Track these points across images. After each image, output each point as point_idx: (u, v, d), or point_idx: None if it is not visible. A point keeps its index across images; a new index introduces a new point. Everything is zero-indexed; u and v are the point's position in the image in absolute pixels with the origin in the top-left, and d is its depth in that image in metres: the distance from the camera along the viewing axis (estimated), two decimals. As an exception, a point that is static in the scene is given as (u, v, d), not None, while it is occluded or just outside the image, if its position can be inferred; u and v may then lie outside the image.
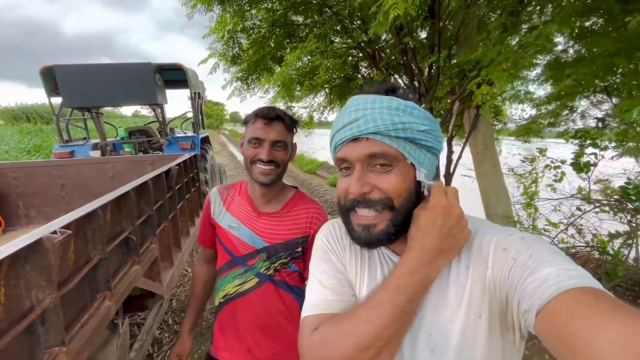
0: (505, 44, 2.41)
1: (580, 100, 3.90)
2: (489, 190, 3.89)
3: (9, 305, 0.73)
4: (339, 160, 0.57)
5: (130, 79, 3.82)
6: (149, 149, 4.64)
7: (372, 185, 0.54)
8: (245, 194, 1.12)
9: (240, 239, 1.06)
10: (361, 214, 0.55)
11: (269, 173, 1.00)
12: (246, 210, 1.09)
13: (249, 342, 1.06)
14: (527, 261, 0.46)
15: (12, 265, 0.75)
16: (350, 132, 0.54)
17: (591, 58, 2.80)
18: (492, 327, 0.50)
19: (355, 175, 0.54)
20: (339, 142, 0.56)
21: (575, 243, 3.84)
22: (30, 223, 2.98)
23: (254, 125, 1.00)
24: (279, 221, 1.06)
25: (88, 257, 1.07)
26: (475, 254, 0.53)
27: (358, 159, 0.54)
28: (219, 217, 1.12)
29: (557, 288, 0.40)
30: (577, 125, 3.95)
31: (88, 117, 4.56)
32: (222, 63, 4.39)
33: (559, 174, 3.69)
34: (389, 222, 0.54)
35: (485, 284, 0.50)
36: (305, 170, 11.75)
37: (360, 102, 0.55)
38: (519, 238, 0.50)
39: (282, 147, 1.01)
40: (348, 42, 4.07)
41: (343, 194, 0.58)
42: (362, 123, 0.53)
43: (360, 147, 0.54)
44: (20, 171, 2.87)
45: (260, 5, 4.03)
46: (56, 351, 0.84)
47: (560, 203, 3.94)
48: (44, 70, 3.90)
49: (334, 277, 0.62)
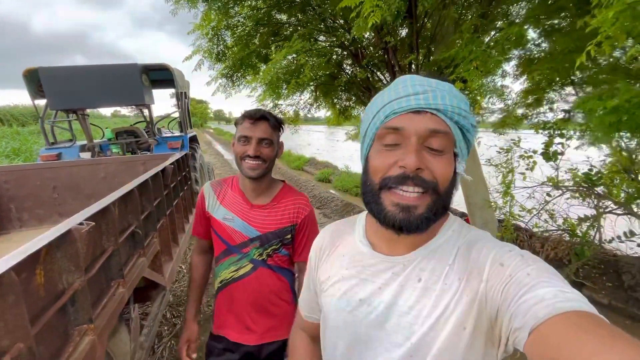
0: (476, 43, 2.60)
1: (549, 94, 4.18)
2: (468, 180, 4.12)
3: (47, 286, 0.85)
4: (390, 129, 0.51)
5: (116, 80, 3.84)
6: (137, 150, 4.66)
7: (425, 165, 0.50)
8: (237, 188, 1.22)
9: (234, 229, 1.17)
10: (402, 192, 0.50)
11: (257, 168, 1.10)
12: (239, 203, 1.19)
13: (247, 319, 1.19)
14: (525, 279, 0.44)
15: (49, 253, 0.86)
16: (415, 102, 0.50)
17: (553, 55, 3.04)
18: (476, 340, 0.49)
19: (412, 147, 0.49)
20: (397, 110, 0.51)
21: (548, 227, 4.13)
22: (23, 226, 3.00)
23: (242, 125, 1.11)
24: (269, 212, 1.18)
25: (103, 248, 1.18)
26: (471, 266, 0.51)
27: (418, 132, 0.50)
28: (213, 210, 1.21)
29: (554, 309, 0.38)
30: (547, 118, 4.22)
31: (74, 119, 4.53)
32: (207, 60, 4.44)
33: (531, 163, 3.96)
34: (430, 206, 0.50)
35: (476, 296, 0.49)
36: (292, 166, 11.84)
37: (423, 80, 0.53)
38: (518, 255, 0.49)
39: (268, 144, 1.12)
40: (331, 41, 4.20)
41: (383, 168, 0.52)
42: (431, 97, 0.50)
43: (423, 120, 0.50)
44: (11, 174, 2.89)
45: (244, 3, 4.10)
46: (85, 328, 0.96)
47: (534, 190, 4.22)
48: (27, 73, 3.87)
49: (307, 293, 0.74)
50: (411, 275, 0.54)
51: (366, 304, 0.57)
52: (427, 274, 0.53)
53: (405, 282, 0.54)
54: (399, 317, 0.54)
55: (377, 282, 0.57)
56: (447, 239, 0.56)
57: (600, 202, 3.63)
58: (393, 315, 0.54)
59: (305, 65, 3.75)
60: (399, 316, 0.54)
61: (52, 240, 0.85)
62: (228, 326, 1.22)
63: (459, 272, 0.52)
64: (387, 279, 0.56)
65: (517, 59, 3.95)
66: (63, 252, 0.91)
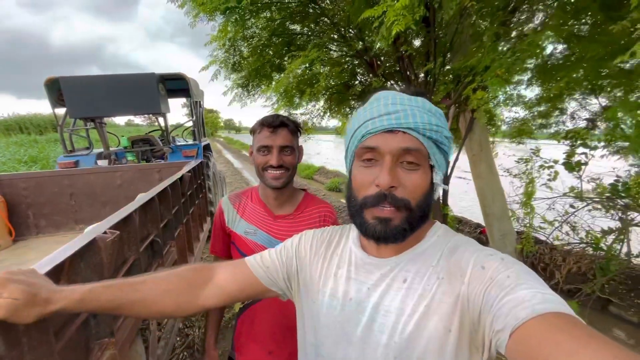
0: (498, 52, 2.55)
1: (569, 102, 4.08)
2: (485, 190, 4.02)
3: (71, 298, 0.81)
4: (367, 148, 0.55)
5: (134, 89, 3.90)
6: (152, 158, 4.70)
7: (398, 181, 0.53)
8: (258, 199, 1.17)
9: (258, 243, 1.11)
10: (380, 208, 0.54)
11: (280, 177, 1.06)
12: (261, 215, 1.14)
13: (270, 344, 1.11)
14: (505, 281, 0.46)
15: (72, 263, 0.83)
16: (388, 122, 0.53)
17: (581, 61, 2.96)
18: (461, 343, 0.50)
19: (386, 167, 0.53)
20: (371, 131, 0.55)
21: (570, 240, 3.98)
22: (40, 232, 3.02)
23: (261, 134, 1.06)
24: (294, 222, 1.13)
25: (125, 258, 1.15)
26: (453, 269, 0.53)
27: (391, 151, 0.53)
28: (233, 224, 1.16)
29: (533, 310, 0.40)
30: (566, 127, 4.12)
31: (91, 127, 4.61)
32: (223, 70, 4.50)
33: (552, 173, 3.84)
34: (404, 219, 0.54)
35: (458, 298, 0.50)
36: (302, 175, 11.84)
37: (397, 97, 0.56)
38: (498, 259, 0.50)
39: (290, 152, 1.08)
40: (345, 51, 4.21)
41: (364, 186, 0.56)
42: (402, 116, 0.53)
43: (396, 140, 0.53)
44: (30, 181, 2.93)
45: (260, 15, 4.16)
46: (106, 342, 0.92)
47: (554, 202, 4.09)
48: (48, 82, 3.97)
49: (272, 256, 0.74)
50: (397, 277, 0.57)
51: (355, 303, 0.59)
52: (412, 275, 0.56)
53: (392, 283, 0.57)
54: (384, 317, 0.56)
55: (367, 282, 0.60)
56: (433, 243, 0.59)
57: (627, 215, 3.48)
58: (379, 315, 0.56)
59: (320, 74, 3.76)
60: (384, 315, 0.56)
61: (76, 251, 0.82)
62: (248, 352, 1.14)
63: (441, 274, 0.54)
64: (376, 280, 0.59)
65: (534, 67, 3.88)
66: (87, 262, 0.88)
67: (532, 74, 3.96)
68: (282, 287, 0.72)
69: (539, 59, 3.55)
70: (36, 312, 0.53)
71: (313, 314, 0.65)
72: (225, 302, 0.70)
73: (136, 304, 0.62)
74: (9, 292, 0.50)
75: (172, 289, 0.66)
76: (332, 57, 4.06)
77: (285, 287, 0.72)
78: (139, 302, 0.62)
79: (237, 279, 0.70)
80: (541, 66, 3.64)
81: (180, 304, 0.66)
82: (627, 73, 2.93)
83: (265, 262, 0.72)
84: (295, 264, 0.71)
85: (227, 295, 0.69)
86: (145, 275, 0.67)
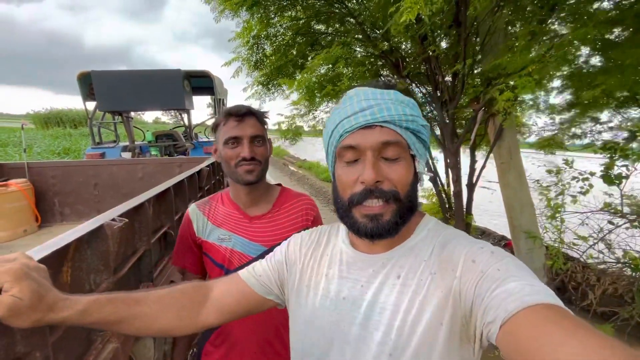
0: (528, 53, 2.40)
1: (608, 112, 3.81)
2: (513, 201, 3.81)
3: (73, 287, 0.78)
4: (346, 148, 0.55)
5: (160, 85, 3.99)
6: (174, 153, 4.79)
7: (383, 175, 0.53)
8: (230, 202, 1.06)
9: (233, 249, 1.00)
10: (368, 205, 0.54)
11: (254, 170, 0.97)
12: (235, 218, 1.03)
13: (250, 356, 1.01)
14: (495, 274, 0.46)
15: (77, 249, 0.80)
16: (363, 118, 0.53)
17: (619, 68, 2.75)
18: (452, 335, 0.50)
19: (369, 162, 0.53)
20: (348, 129, 0.54)
21: (605, 259, 3.69)
22: (64, 220, 3.12)
23: (227, 126, 0.97)
24: (273, 221, 1.03)
25: (135, 248, 1.12)
26: (445, 264, 0.53)
27: (371, 147, 0.53)
28: (204, 233, 1.05)
29: (522, 302, 0.40)
30: (602, 138, 3.85)
31: (119, 121, 4.76)
32: (245, 67, 4.52)
33: (586, 186, 3.58)
34: (395, 213, 0.54)
35: (450, 292, 0.50)
36: (321, 177, 11.79)
37: (368, 93, 0.56)
38: (489, 252, 0.51)
39: (261, 142, 0.99)
40: (370, 51, 4.13)
41: (349, 185, 0.55)
42: (377, 111, 0.53)
43: (373, 135, 0.53)
44: (58, 170, 3.03)
45: (284, 13, 4.15)
46: (108, 334, 0.88)
47: (587, 217, 3.81)
48: (81, 76, 4.12)
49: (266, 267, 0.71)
50: (391, 273, 0.56)
51: (349, 302, 0.58)
52: (405, 271, 0.55)
53: (385, 279, 0.56)
54: (380, 314, 0.55)
55: (360, 280, 0.59)
56: (424, 237, 0.58)
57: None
58: (374, 313, 0.55)
59: (344, 75, 3.69)
60: (379, 313, 0.55)
61: (81, 236, 0.79)
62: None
63: (433, 269, 0.54)
64: (369, 276, 0.58)
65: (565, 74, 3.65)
66: (93, 249, 0.85)
67: (564, 80, 3.73)
68: (277, 294, 0.70)
69: (573, 64, 3.34)
70: (35, 318, 0.48)
71: (307, 316, 0.63)
72: (225, 317, 0.68)
73: (137, 319, 0.60)
74: (18, 290, 0.45)
75: (174, 304, 0.64)
76: (356, 56, 3.98)
77: (280, 293, 0.70)
78: (140, 316, 0.60)
79: (232, 292, 0.69)
80: (575, 72, 3.42)
81: (181, 320, 0.64)
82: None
83: (257, 272, 0.70)
84: (286, 269, 0.70)
85: (226, 309, 0.67)
86: (146, 291, 0.66)
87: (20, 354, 0.59)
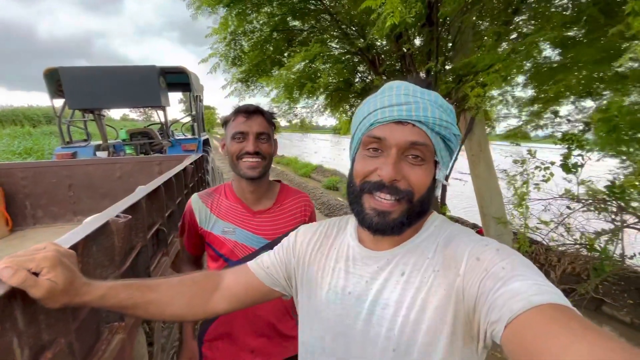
0: (500, 51, 2.59)
1: (566, 104, 4.14)
2: (484, 191, 4.06)
3: (83, 280, 0.81)
4: (372, 138, 0.54)
5: (134, 81, 3.87)
6: (150, 151, 4.67)
7: (402, 175, 0.53)
8: (233, 196, 1.10)
9: (237, 242, 1.05)
10: (379, 199, 0.54)
11: (257, 166, 1.01)
12: (239, 212, 1.08)
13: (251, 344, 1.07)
14: (500, 272, 0.45)
15: (85, 246, 0.83)
16: (398, 112, 0.52)
17: (577, 65, 3.01)
18: (455, 333, 0.50)
19: (391, 159, 0.52)
20: (380, 120, 0.53)
21: (565, 241, 4.04)
22: (37, 223, 2.99)
23: (236, 121, 1.01)
24: (275, 216, 1.08)
25: (132, 244, 1.15)
26: (448, 261, 0.53)
27: (398, 144, 0.52)
28: (208, 225, 1.08)
29: (529, 302, 0.40)
30: (561, 129, 4.18)
31: (89, 119, 4.57)
32: (223, 64, 4.47)
33: (547, 174, 3.89)
34: (404, 212, 0.53)
35: (453, 290, 0.50)
36: (300, 173, 11.83)
37: (409, 88, 0.54)
38: (494, 249, 0.50)
39: (266, 139, 1.03)
40: (346, 48, 4.22)
41: (364, 173, 0.55)
42: (414, 109, 0.52)
43: (404, 132, 0.52)
44: (28, 171, 2.90)
45: (261, 10, 4.15)
46: (116, 326, 0.92)
47: (549, 203, 4.14)
48: (47, 72, 3.92)
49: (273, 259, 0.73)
50: (395, 270, 0.57)
51: (354, 297, 0.59)
52: (409, 268, 0.56)
53: (390, 276, 0.57)
54: (383, 310, 0.55)
55: (365, 276, 0.59)
56: (429, 234, 0.58)
57: (620, 216, 3.54)
58: (377, 308, 0.56)
59: (322, 71, 3.76)
60: (382, 309, 0.55)
61: (90, 233, 0.82)
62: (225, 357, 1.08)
63: (437, 267, 0.53)
64: (373, 273, 0.58)
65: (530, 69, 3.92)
66: (99, 245, 0.88)
67: (527, 76, 4.01)
68: (284, 286, 0.72)
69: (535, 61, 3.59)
70: (65, 300, 0.53)
71: (313, 309, 0.65)
72: (233, 306, 0.71)
73: (151, 304, 0.63)
74: (54, 275, 0.50)
75: (185, 292, 0.67)
76: (333, 54, 4.06)
77: (286, 284, 0.73)
78: (154, 302, 0.64)
79: (241, 282, 0.72)
80: (536, 69, 3.68)
81: (192, 307, 0.67)
82: (621, 77, 2.99)
83: (265, 264, 0.73)
84: (293, 261, 0.71)
85: (235, 299, 0.71)
86: (159, 278, 0.69)
87: (45, 341, 0.63)
